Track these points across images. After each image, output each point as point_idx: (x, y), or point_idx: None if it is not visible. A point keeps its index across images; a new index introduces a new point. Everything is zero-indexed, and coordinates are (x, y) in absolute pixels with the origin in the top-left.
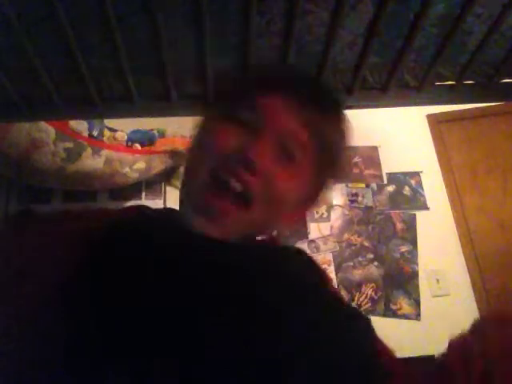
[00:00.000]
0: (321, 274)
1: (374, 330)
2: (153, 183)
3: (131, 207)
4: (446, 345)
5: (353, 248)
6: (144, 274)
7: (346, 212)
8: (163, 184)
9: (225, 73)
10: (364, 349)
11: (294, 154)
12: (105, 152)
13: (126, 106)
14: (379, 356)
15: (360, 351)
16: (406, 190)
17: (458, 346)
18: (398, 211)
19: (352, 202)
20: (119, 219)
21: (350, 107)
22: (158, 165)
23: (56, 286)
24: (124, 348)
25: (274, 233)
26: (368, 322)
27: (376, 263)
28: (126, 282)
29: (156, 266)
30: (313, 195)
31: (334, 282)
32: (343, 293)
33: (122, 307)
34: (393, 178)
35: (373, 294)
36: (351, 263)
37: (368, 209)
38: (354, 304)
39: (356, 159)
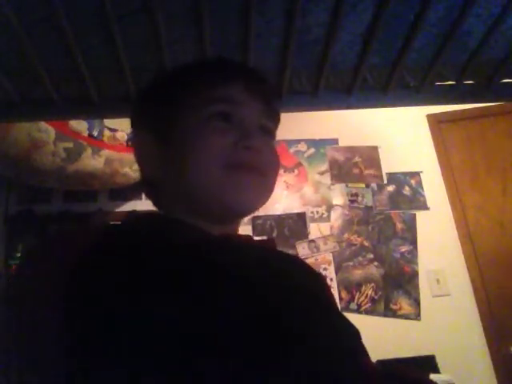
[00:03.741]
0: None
1: (363, 344)
2: None
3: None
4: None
5: (353, 248)
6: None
7: (346, 212)
8: None
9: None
10: (351, 355)
11: (271, 129)
12: (105, 152)
13: (126, 105)
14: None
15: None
16: (406, 190)
17: None
18: (397, 211)
19: (352, 201)
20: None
21: (350, 107)
22: None
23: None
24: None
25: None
26: (359, 332)
27: (376, 263)
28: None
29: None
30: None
31: (334, 282)
32: (343, 293)
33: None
34: (393, 178)
35: (373, 294)
36: (351, 263)
37: (368, 209)
38: (354, 304)
39: (356, 159)
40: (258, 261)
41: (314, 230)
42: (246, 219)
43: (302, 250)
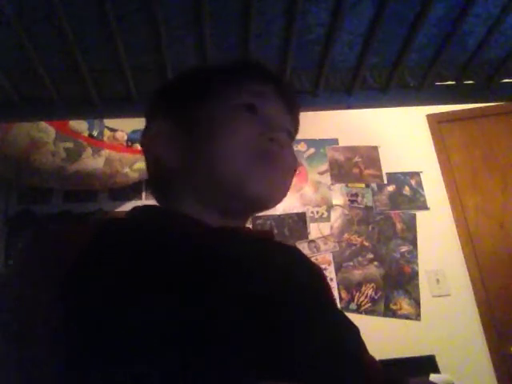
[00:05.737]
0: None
1: (362, 340)
2: None
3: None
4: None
5: (353, 248)
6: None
7: (346, 212)
8: None
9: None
10: (352, 354)
11: (292, 136)
12: (105, 152)
13: (126, 105)
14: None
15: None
16: (406, 190)
17: None
18: (398, 211)
19: (352, 201)
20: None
21: (350, 107)
22: None
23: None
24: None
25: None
26: (358, 330)
27: (376, 263)
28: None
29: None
30: None
31: (334, 282)
32: (343, 293)
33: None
34: (393, 178)
35: (373, 293)
36: (351, 263)
37: (368, 209)
38: (354, 304)
39: (356, 159)
40: (259, 255)
41: (314, 230)
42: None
43: (302, 250)
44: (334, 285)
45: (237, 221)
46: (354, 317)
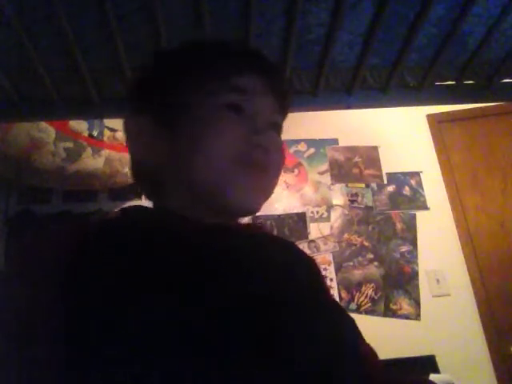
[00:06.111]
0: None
1: (359, 331)
2: None
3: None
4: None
5: (353, 248)
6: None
7: (346, 212)
8: None
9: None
10: (349, 343)
11: (281, 127)
12: (105, 152)
13: (126, 106)
14: (362, 355)
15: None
16: (406, 190)
17: None
18: (397, 211)
19: (352, 201)
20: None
21: (350, 107)
22: None
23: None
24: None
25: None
26: (353, 321)
27: (376, 263)
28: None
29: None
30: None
31: (334, 282)
32: (343, 293)
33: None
34: (393, 178)
35: (373, 294)
36: (351, 263)
37: (368, 209)
38: (353, 304)
39: (356, 159)
40: (258, 253)
41: (314, 230)
42: (246, 219)
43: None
44: (334, 285)
45: (225, 219)
46: (353, 317)
